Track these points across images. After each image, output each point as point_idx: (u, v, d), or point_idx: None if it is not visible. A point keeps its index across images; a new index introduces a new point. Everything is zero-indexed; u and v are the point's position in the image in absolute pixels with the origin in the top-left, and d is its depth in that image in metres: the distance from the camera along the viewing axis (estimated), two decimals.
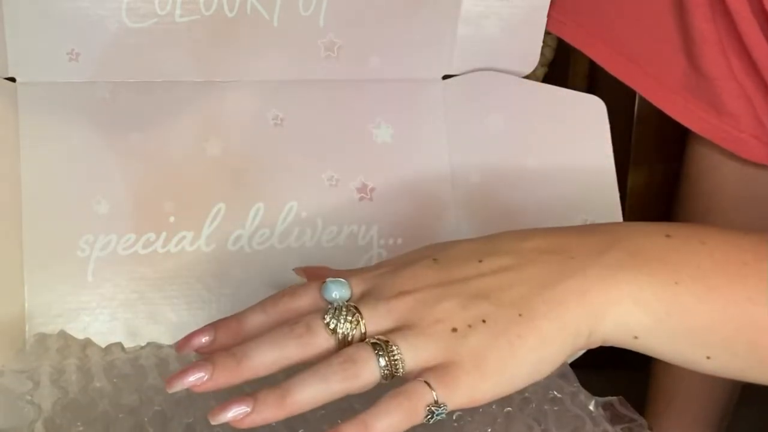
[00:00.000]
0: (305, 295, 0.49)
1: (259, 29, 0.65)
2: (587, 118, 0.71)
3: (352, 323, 0.47)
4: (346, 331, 0.47)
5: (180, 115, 0.65)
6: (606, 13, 0.73)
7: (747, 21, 0.67)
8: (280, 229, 0.65)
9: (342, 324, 0.47)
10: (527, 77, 0.71)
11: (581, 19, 0.73)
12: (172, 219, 0.64)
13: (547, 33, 0.72)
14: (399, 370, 0.46)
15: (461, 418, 0.56)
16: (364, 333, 0.47)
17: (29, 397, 0.55)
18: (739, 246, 0.49)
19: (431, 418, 0.45)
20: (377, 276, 0.50)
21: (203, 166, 0.65)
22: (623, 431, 0.59)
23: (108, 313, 0.62)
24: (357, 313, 0.47)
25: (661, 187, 0.96)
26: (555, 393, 0.59)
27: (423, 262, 0.50)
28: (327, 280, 0.49)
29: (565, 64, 0.94)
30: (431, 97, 0.69)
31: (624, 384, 0.65)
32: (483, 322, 0.47)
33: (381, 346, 0.46)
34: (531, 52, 0.71)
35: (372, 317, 0.47)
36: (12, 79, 0.62)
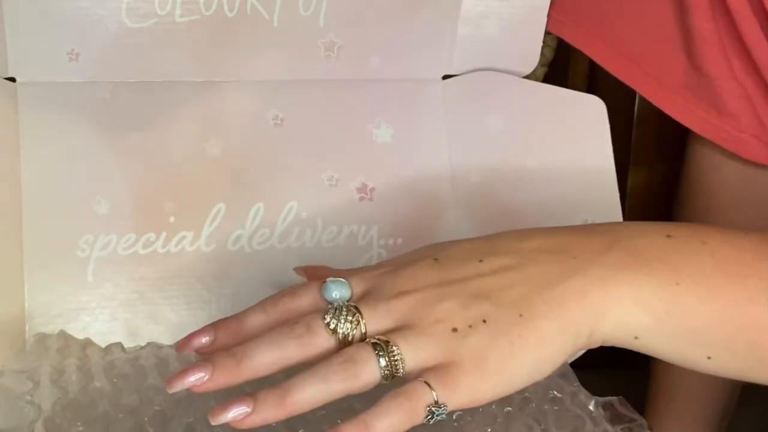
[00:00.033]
0: (305, 295, 0.49)
1: (259, 29, 0.65)
2: (587, 118, 0.71)
3: (352, 323, 0.47)
4: (346, 331, 0.47)
5: (180, 115, 0.65)
6: (606, 13, 0.73)
7: (747, 20, 0.67)
8: (280, 229, 0.65)
9: (342, 324, 0.47)
10: (527, 77, 0.71)
11: (581, 19, 0.73)
12: (172, 219, 0.64)
13: (547, 33, 0.72)
14: (399, 370, 0.46)
15: (461, 417, 0.56)
16: (364, 333, 0.47)
17: (29, 397, 0.55)
18: (740, 246, 0.49)
19: (431, 418, 0.45)
20: (377, 276, 0.50)
21: (203, 166, 0.65)
22: (623, 431, 0.59)
23: (108, 313, 0.62)
24: (357, 313, 0.47)
25: (661, 187, 0.96)
26: (555, 393, 0.59)
27: (423, 262, 0.50)
28: (327, 279, 0.49)
29: (565, 64, 0.94)
30: (431, 97, 0.69)
31: (624, 384, 0.65)
32: (483, 322, 0.47)
33: (381, 346, 0.46)
34: (531, 52, 0.71)
35: (372, 317, 0.47)
36: (12, 79, 0.62)
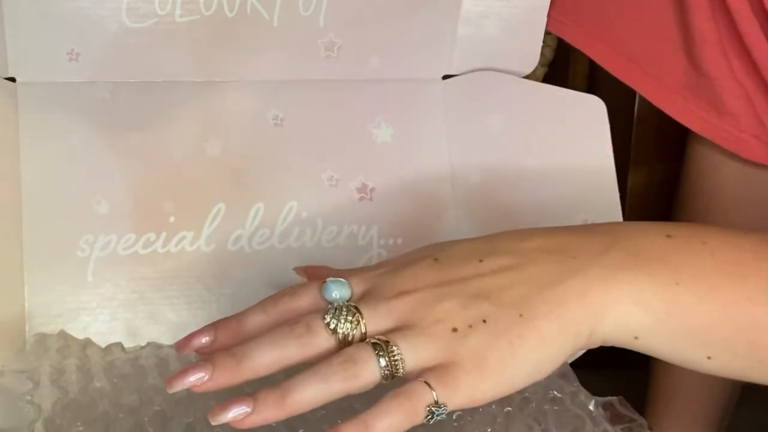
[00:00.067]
0: (305, 295, 0.49)
1: (259, 29, 0.65)
2: (587, 118, 0.71)
3: (352, 323, 0.47)
4: (346, 331, 0.47)
5: (180, 115, 0.65)
6: (606, 13, 0.73)
7: (747, 20, 0.67)
8: (280, 229, 0.65)
9: (342, 324, 0.47)
10: (527, 77, 0.71)
11: (581, 19, 0.73)
12: (172, 219, 0.64)
13: (547, 33, 0.72)
14: (399, 370, 0.46)
15: (461, 417, 0.56)
16: (364, 333, 0.47)
17: (29, 397, 0.55)
18: (740, 246, 0.49)
19: (431, 418, 0.45)
20: (377, 276, 0.50)
21: (203, 166, 0.65)
22: (623, 431, 0.59)
23: (108, 313, 0.62)
24: (357, 313, 0.47)
25: (661, 187, 0.96)
26: (555, 393, 0.59)
27: (423, 261, 0.50)
28: (327, 280, 0.49)
29: (565, 64, 0.94)
30: (431, 97, 0.69)
31: (624, 384, 0.65)
32: (483, 322, 0.47)
33: (381, 346, 0.46)
34: (531, 52, 0.71)
35: (372, 317, 0.47)
36: (12, 79, 0.62)
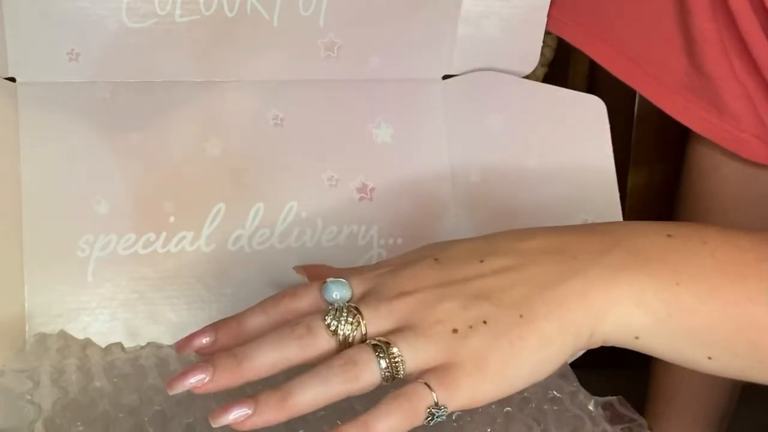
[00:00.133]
0: (306, 296, 0.49)
1: (259, 29, 0.65)
2: (587, 118, 0.71)
3: (352, 324, 0.47)
4: (346, 333, 0.47)
5: (180, 115, 0.65)
6: (606, 13, 0.73)
7: (748, 20, 0.67)
8: (280, 229, 0.65)
9: (343, 325, 0.47)
10: (527, 77, 0.71)
11: (581, 19, 0.73)
12: (172, 219, 0.64)
13: (547, 33, 0.72)
14: (400, 371, 0.46)
15: (461, 418, 0.56)
16: (364, 334, 0.47)
17: (29, 397, 0.55)
18: (740, 246, 0.49)
19: (431, 419, 0.45)
20: (378, 276, 0.50)
21: (203, 166, 0.65)
22: (623, 431, 0.59)
23: (108, 313, 0.62)
24: (358, 314, 0.47)
25: (661, 187, 0.96)
26: (554, 393, 0.59)
27: (424, 262, 0.50)
28: (327, 280, 0.49)
29: (565, 64, 0.94)
30: (431, 97, 0.69)
31: (624, 384, 0.65)
32: (484, 323, 0.47)
33: (381, 347, 0.46)
34: (531, 52, 0.71)
35: (373, 318, 0.47)
36: (12, 79, 0.62)
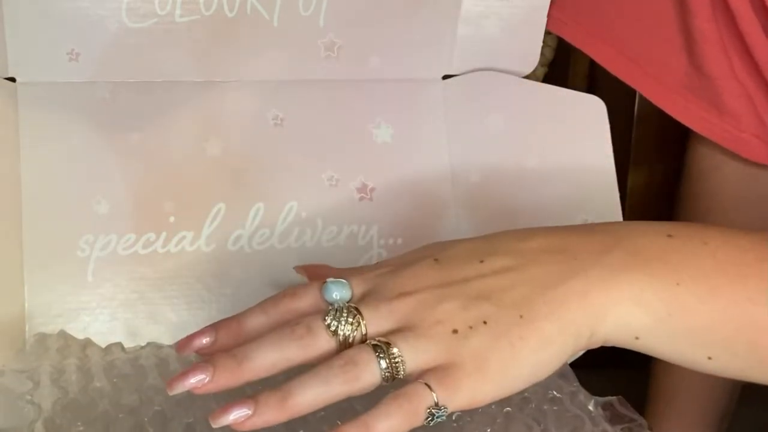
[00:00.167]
0: (306, 296, 0.49)
1: (259, 29, 0.65)
2: (587, 118, 0.71)
3: (352, 325, 0.47)
4: (346, 333, 0.47)
5: (180, 115, 0.65)
6: (606, 13, 0.73)
7: (748, 20, 0.67)
8: (280, 229, 0.65)
9: (343, 325, 0.47)
10: (527, 77, 0.71)
11: (581, 19, 0.73)
12: (172, 219, 0.64)
13: (547, 33, 0.72)
14: (400, 372, 0.46)
15: (461, 418, 0.56)
16: (364, 334, 0.47)
17: (29, 397, 0.55)
18: (740, 246, 0.49)
19: (431, 420, 0.45)
20: (378, 276, 0.50)
21: (203, 166, 0.65)
22: (623, 431, 0.59)
23: (108, 313, 0.62)
24: (358, 315, 0.47)
25: (661, 187, 0.96)
26: (554, 393, 0.59)
27: (424, 262, 0.50)
28: (327, 280, 0.49)
29: (565, 64, 0.94)
30: (431, 97, 0.69)
31: (624, 384, 0.65)
32: (484, 323, 0.47)
33: (382, 347, 0.46)
34: (531, 52, 0.71)
35: (373, 318, 0.47)
36: (12, 79, 0.62)
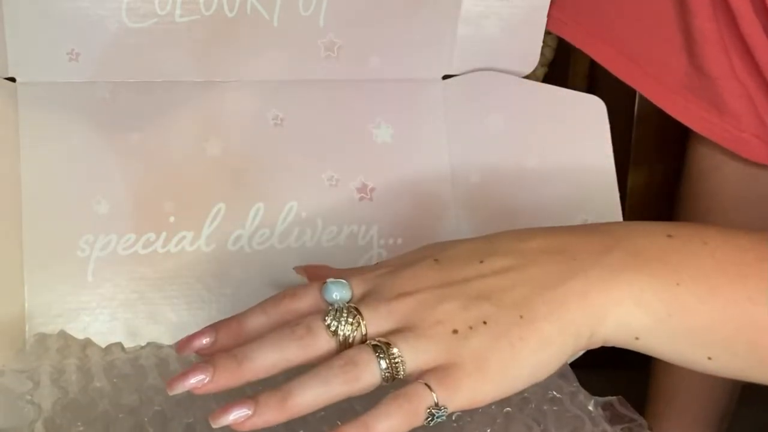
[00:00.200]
0: (306, 297, 0.49)
1: (259, 29, 0.65)
2: (587, 118, 0.71)
3: (352, 325, 0.47)
4: (346, 333, 0.47)
5: (180, 115, 0.65)
6: (606, 13, 0.73)
7: (749, 20, 0.67)
8: (280, 229, 0.65)
9: (343, 326, 0.47)
10: (527, 77, 0.71)
11: (581, 19, 0.73)
12: (172, 219, 0.64)
13: (547, 33, 0.72)
14: (400, 372, 0.46)
15: (460, 418, 0.56)
16: (364, 335, 0.47)
17: (29, 397, 0.55)
18: (741, 246, 0.49)
19: (431, 420, 0.45)
20: (378, 276, 0.50)
21: (203, 166, 0.65)
22: (623, 431, 0.59)
23: (108, 313, 0.62)
24: (358, 315, 0.47)
25: (661, 187, 0.96)
26: (554, 393, 0.59)
27: (424, 262, 0.50)
28: (327, 281, 0.49)
29: (565, 64, 0.94)
30: (431, 97, 0.69)
31: (624, 384, 0.65)
32: (484, 323, 0.47)
33: (382, 348, 0.46)
34: (531, 52, 0.71)
35: (373, 319, 0.47)
36: (12, 79, 0.62)
